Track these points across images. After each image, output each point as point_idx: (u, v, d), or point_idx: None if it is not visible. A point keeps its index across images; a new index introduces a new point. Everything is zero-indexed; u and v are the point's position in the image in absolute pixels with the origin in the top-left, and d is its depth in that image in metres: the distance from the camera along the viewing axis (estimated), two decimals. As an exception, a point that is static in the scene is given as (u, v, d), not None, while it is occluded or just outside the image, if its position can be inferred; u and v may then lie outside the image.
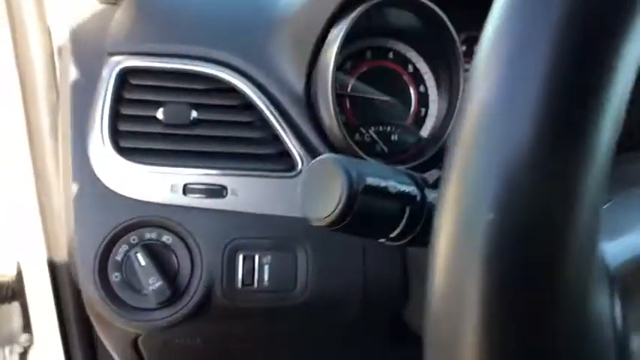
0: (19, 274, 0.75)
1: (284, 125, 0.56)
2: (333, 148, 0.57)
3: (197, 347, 0.62)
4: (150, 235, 0.53)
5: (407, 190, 0.37)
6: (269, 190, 0.55)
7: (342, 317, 0.59)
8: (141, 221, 0.52)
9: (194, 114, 0.55)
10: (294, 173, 0.56)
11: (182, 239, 0.53)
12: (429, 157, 0.58)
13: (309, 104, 0.57)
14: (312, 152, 0.57)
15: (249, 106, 0.56)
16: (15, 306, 0.79)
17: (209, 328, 0.58)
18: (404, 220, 0.37)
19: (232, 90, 0.56)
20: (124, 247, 0.52)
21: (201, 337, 0.60)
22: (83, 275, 0.52)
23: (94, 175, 0.53)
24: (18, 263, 0.76)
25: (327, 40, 0.55)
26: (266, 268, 0.54)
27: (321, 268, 0.55)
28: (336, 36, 0.53)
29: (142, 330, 0.52)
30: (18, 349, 0.82)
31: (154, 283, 0.51)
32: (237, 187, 0.54)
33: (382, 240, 0.39)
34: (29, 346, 0.83)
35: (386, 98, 0.62)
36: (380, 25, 0.60)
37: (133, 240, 0.52)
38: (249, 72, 0.57)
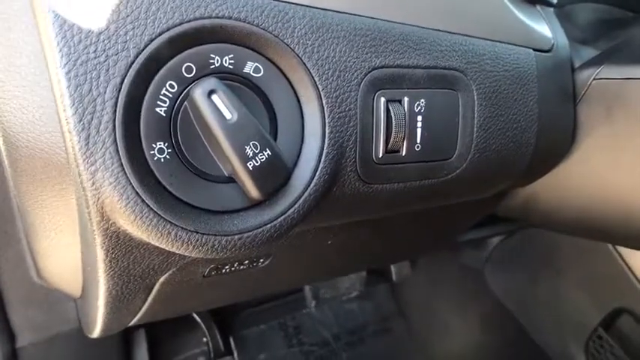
0: None
1: None
2: None
3: (234, 280, 0.37)
4: (222, 60, 0.25)
5: None
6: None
7: (488, 191, 0.40)
8: (203, 28, 0.24)
9: None
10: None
11: (281, 70, 0.27)
12: None
13: None
14: None
15: None
16: None
17: (312, 236, 0.34)
18: None
19: None
20: (171, 88, 0.24)
21: (276, 256, 0.36)
22: (85, 153, 0.23)
23: None
24: None
25: None
26: (419, 120, 0.31)
27: (490, 119, 0.34)
28: None
29: (220, 252, 0.26)
30: None
31: (257, 153, 0.25)
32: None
33: None
34: None
35: None
36: None
37: (188, 71, 0.25)
38: None
